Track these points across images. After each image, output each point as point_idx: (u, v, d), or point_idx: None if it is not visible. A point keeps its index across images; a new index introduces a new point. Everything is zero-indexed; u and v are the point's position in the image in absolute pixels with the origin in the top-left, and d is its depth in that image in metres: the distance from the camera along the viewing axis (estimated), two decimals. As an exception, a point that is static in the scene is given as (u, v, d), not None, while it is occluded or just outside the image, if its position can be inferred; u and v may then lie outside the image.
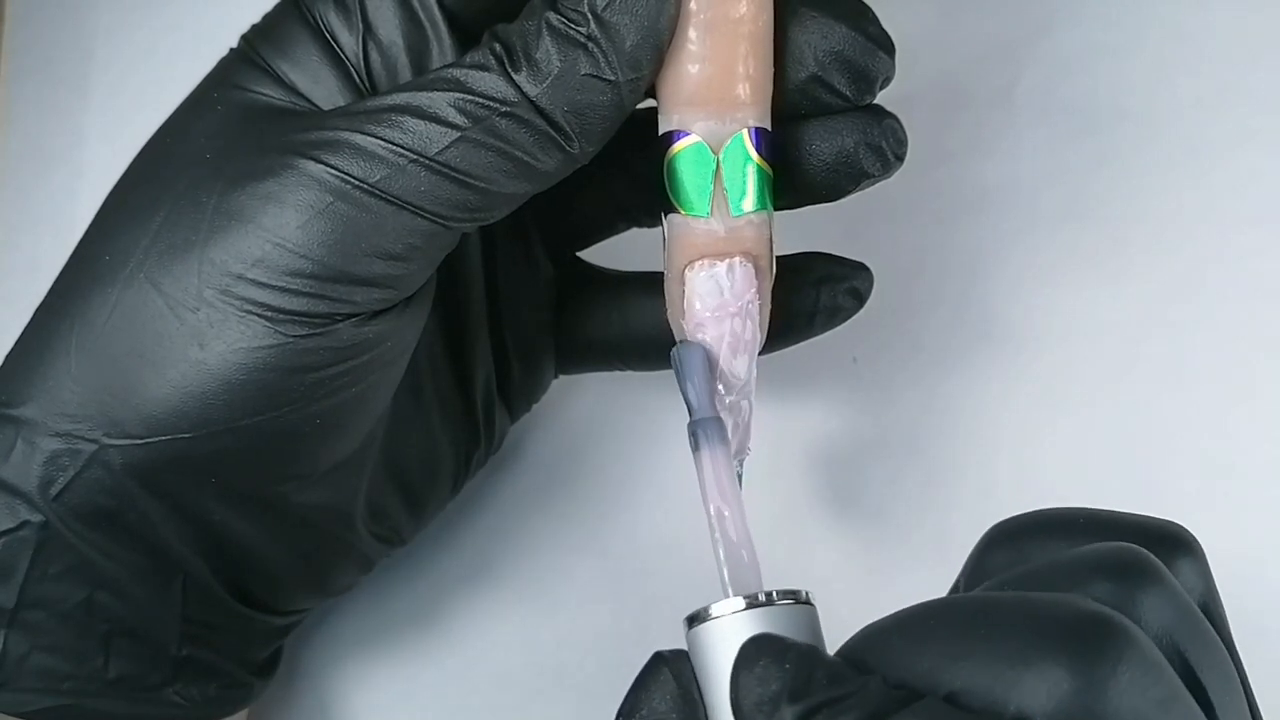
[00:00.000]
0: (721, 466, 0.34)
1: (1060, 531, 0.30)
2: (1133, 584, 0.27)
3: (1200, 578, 0.30)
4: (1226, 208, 0.48)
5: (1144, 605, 0.27)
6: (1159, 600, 0.27)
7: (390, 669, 0.47)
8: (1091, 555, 0.28)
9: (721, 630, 0.31)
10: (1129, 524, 0.30)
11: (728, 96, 0.35)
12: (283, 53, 0.37)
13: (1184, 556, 0.29)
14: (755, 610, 0.31)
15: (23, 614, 0.36)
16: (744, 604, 0.31)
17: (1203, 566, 0.30)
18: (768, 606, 0.31)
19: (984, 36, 0.50)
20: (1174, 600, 0.28)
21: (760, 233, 0.36)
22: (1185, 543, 0.30)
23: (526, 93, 0.34)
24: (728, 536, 0.33)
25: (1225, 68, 0.49)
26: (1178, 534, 0.30)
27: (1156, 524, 0.30)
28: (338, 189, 0.34)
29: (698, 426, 0.35)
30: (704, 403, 0.36)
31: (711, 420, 0.35)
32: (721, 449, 0.35)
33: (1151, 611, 0.27)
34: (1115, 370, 0.47)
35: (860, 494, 0.47)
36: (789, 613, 0.31)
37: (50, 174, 0.52)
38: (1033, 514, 0.31)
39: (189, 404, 0.34)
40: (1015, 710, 0.25)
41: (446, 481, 0.43)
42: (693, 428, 0.35)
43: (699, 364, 0.36)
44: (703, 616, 0.31)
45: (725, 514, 0.34)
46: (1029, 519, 0.31)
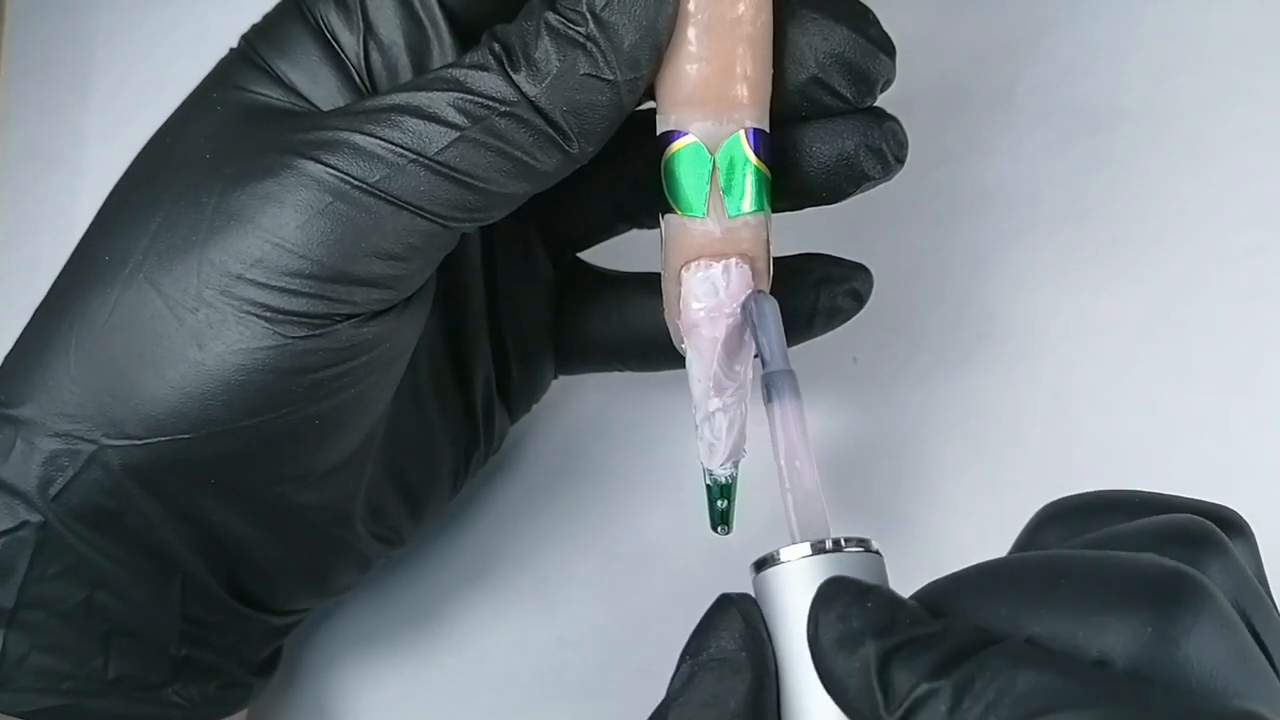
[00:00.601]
0: (793, 419, 0.34)
1: (1118, 510, 0.30)
2: (1200, 551, 0.28)
3: (1252, 558, 0.30)
4: (1226, 207, 0.48)
5: (1211, 571, 0.28)
6: (1226, 568, 0.28)
7: (390, 669, 0.47)
8: (1157, 525, 0.29)
9: (791, 574, 0.31)
10: (1184, 504, 0.31)
11: (725, 97, 0.35)
12: (283, 53, 0.37)
13: (1237, 537, 0.30)
14: (825, 555, 0.31)
15: (22, 614, 0.36)
16: (811, 549, 0.31)
17: (1254, 549, 0.30)
18: (837, 553, 0.31)
19: (984, 36, 0.50)
20: (1239, 570, 0.28)
21: (757, 234, 0.36)
22: (1238, 525, 0.30)
23: (526, 92, 0.34)
24: (799, 485, 0.34)
25: (1225, 68, 0.49)
26: (1231, 516, 0.31)
27: (1210, 506, 0.31)
28: (337, 189, 0.34)
29: (770, 379, 0.35)
30: (777, 355, 0.35)
31: (785, 373, 0.35)
32: (793, 401, 0.35)
33: (1220, 577, 0.28)
34: (1115, 370, 0.47)
35: (860, 494, 0.47)
36: (858, 559, 0.31)
37: (50, 174, 0.53)
38: (1087, 494, 0.31)
39: (188, 404, 0.34)
40: (1098, 653, 0.26)
41: (446, 482, 0.43)
42: (766, 380, 0.35)
43: (771, 317, 0.36)
44: (772, 560, 0.31)
45: (797, 464, 0.34)
46: (1084, 498, 0.31)
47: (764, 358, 0.36)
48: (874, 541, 0.32)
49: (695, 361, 0.36)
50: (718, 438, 0.37)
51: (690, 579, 0.46)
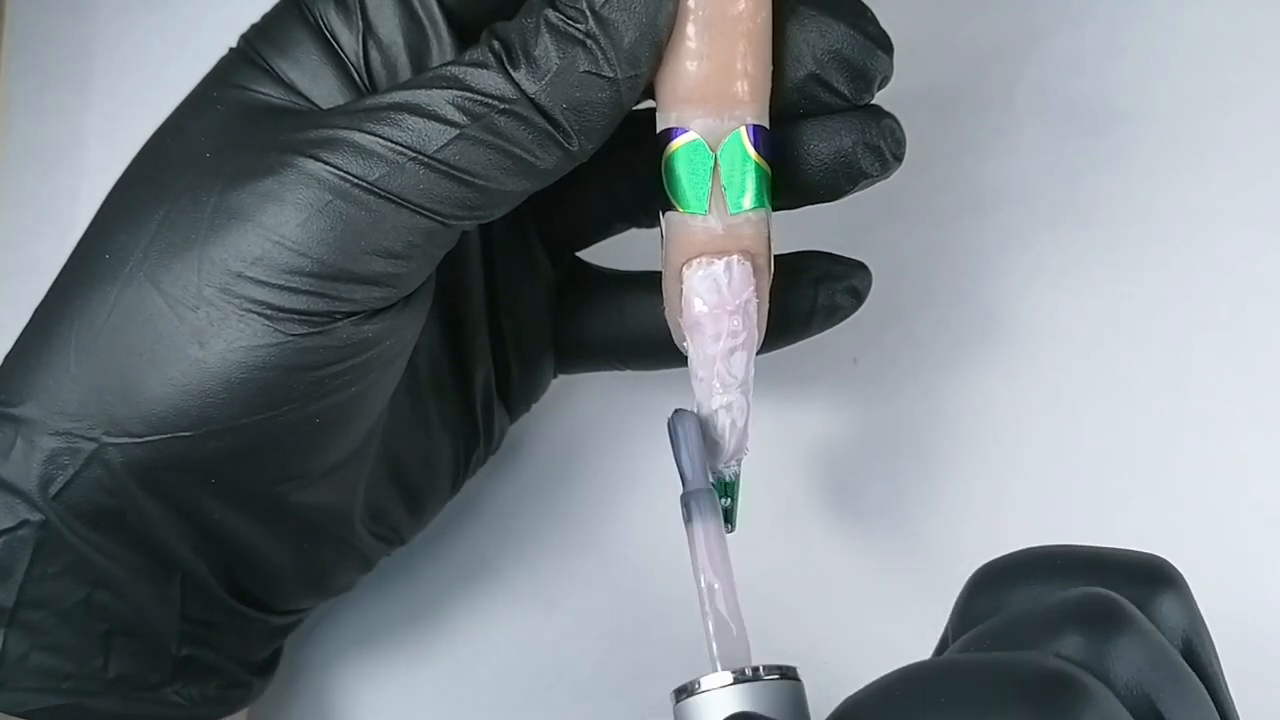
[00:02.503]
0: (713, 539, 0.35)
1: (1040, 573, 0.30)
2: (1102, 633, 0.27)
3: (1183, 612, 0.29)
4: (1226, 207, 0.48)
5: (1113, 654, 0.27)
6: (1129, 648, 0.27)
7: (390, 669, 0.47)
8: (1063, 605, 0.28)
9: (708, 704, 0.31)
10: (1108, 561, 0.30)
11: (726, 94, 0.35)
12: (282, 52, 0.37)
13: (1165, 591, 0.29)
14: (742, 685, 0.31)
15: (22, 613, 0.36)
16: (731, 678, 0.31)
17: (1186, 600, 0.30)
18: (755, 682, 0.31)
19: (984, 36, 0.50)
20: (1145, 646, 0.28)
21: (758, 230, 0.36)
22: (1167, 577, 0.30)
23: (525, 90, 0.34)
24: (717, 610, 0.34)
25: (1225, 68, 0.49)
26: (1159, 568, 0.30)
27: (1136, 560, 0.30)
28: (337, 187, 0.34)
29: (691, 498, 0.35)
30: (697, 474, 0.36)
31: (704, 492, 0.36)
32: (714, 521, 0.35)
33: (1120, 661, 0.27)
34: (1115, 370, 0.47)
35: (860, 494, 0.47)
36: (775, 688, 0.32)
37: (50, 174, 0.52)
38: (1014, 555, 0.31)
39: (189, 402, 0.34)
40: None
41: (446, 481, 0.43)
42: (685, 499, 0.35)
43: (693, 434, 0.36)
44: (690, 690, 0.32)
45: (716, 587, 0.34)
46: (1010, 561, 0.31)
47: (684, 475, 0.36)
48: (793, 668, 0.32)
49: (697, 359, 0.36)
50: (720, 436, 0.37)
51: (690, 579, 0.46)
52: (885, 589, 0.46)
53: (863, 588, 0.46)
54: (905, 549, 0.46)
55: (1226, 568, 0.44)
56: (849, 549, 0.47)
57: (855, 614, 0.46)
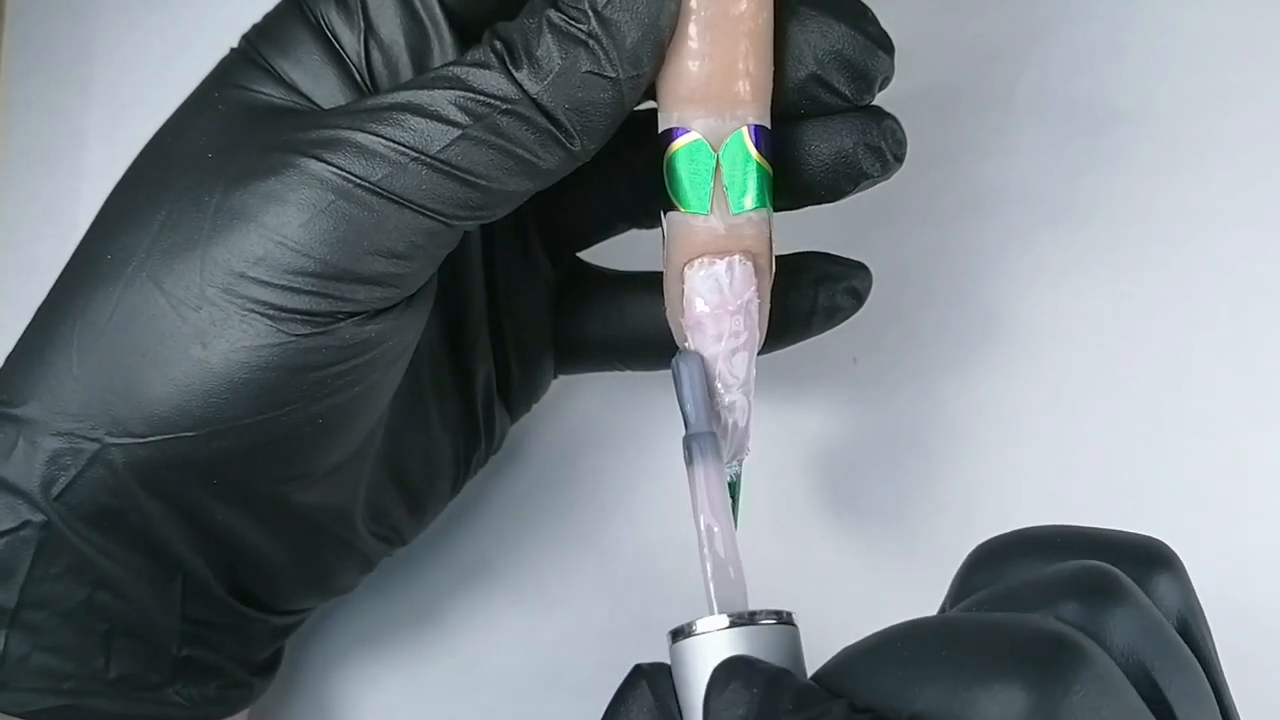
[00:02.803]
0: (714, 482, 0.34)
1: (1038, 550, 0.30)
2: (1099, 602, 0.28)
3: (1179, 594, 0.30)
4: (1226, 207, 0.48)
5: (1110, 624, 0.27)
6: (1126, 618, 0.28)
7: (390, 669, 0.47)
8: (1061, 574, 0.28)
9: (703, 647, 0.31)
10: (1106, 541, 0.30)
11: (727, 94, 0.35)
12: (284, 52, 0.37)
13: (1162, 572, 0.29)
14: (737, 629, 0.31)
15: (24, 614, 0.35)
16: (727, 621, 0.31)
17: (1182, 582, 0.30)
18: (750, 626, 0.31)
19: (984, 36, 0.50)
20: (1141, 618, 0.28)
21: (760, 230, 0.36)
22: (1164, 558, 0.30)
23: (528, 90, 0.34)
24: (715, 553, 0.34)
25: (1225, 68, 0.49)
26: (1156, 550, 0.30)
27: (1134, 540, 0.30)
28: (339, 187, 0.34)
29: (692, 440, 0.35)
30: (700, 416, 0.36)
31: (706, 435, 0.35)
32: (714, 464, 0.35)
33: (1117, 630, 0.27)
34: (1115, 370, 0.47)
35: (860, 494, 0.47)
36: (771, 632, 0.31)
37: (50, 174, 0.52)
38: (1013, 533, 0.31)
39: (191, 403, 0.34)
40: None
41: (446, 481, 0.43)
42: (687, 441, 0.35)
43: (697, 376, 0.36)
44: (686, 632, 0.31)
45: (715, 530, 0.34)
46: (1010, 538, 0.31)
47: (686, 417, 0.36)
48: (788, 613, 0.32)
49: None
50: (722, 436, 0.37)
51: (690, 579, 0.46)
52: (885, 589, 0.46)
53: (863, 588, 0.46)
54: (905, 549, 0.46)
55: (1226, 567, 0.44)
56: (849, 549, 0.47)
57: (855, 614, 0.45)
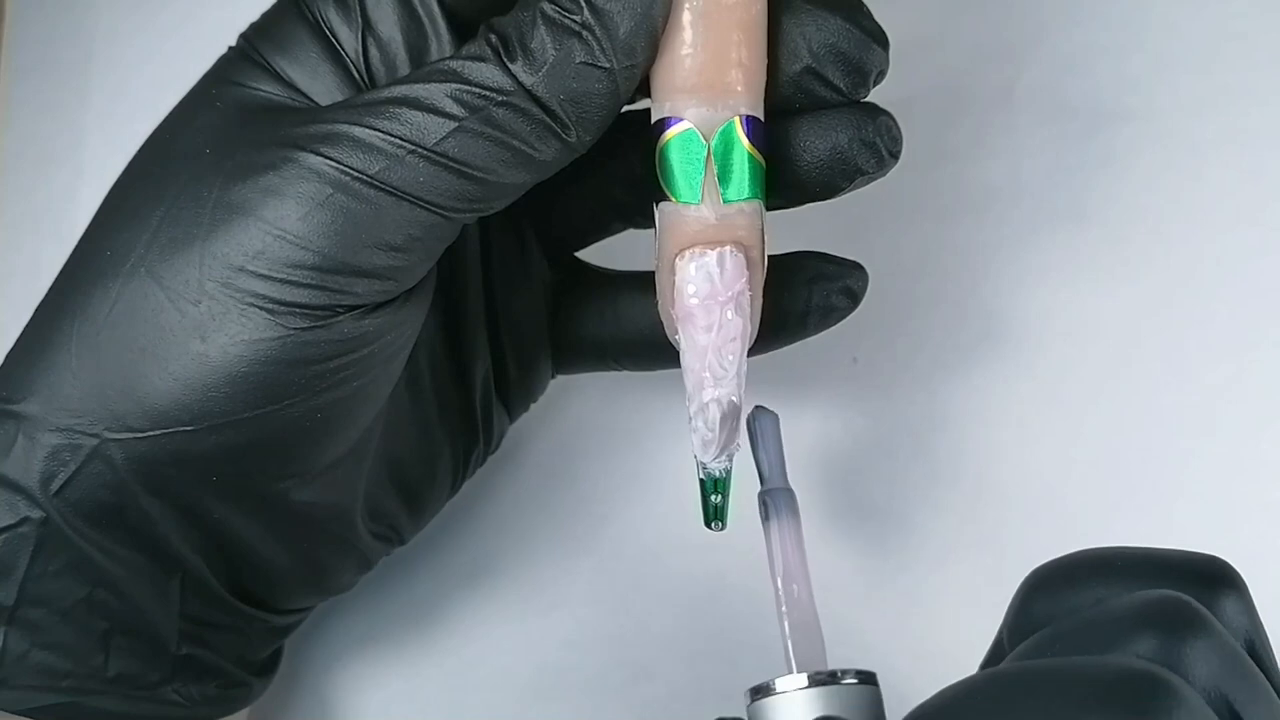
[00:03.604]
0: (790, 540, 0.35)
1: (1099, 574, 0.30)
2: (1178, 636, 0.27)
3: (1245, 614, 0.29)
4: (1226, 207, 0.48)
5: (1190, 657, 0.27)
6: (1206, 650, 0.27)
7: (390, 669, 0.47)
8: (1133, 608, 0.28)
9: (785, 706, 0.31)
10: (1169, 563, 0.30)
11: (720, 83, 0.35)
12: (282, 50, 0.37)
13: (1227, 593, 0.29)
14: (819, 688, 0.31)
15: (23, 611, 0.35)
16: (807, 681, 0.31)
17: (1246, 601, 0.30)
18: (832, 685, 0.31)
19: (984, 36, 0.50)
20: (1220, 649, 0.27)
21: (752, 221, 0.36)
22: (1229, 579, 0.30)
23: (522, 82, 0.34)
24: (796, 611, 0.34)
25: (1225, 68, 0.49)
26: (1220, 570, 0.30)
27: (1197, 561, 0.30)
28: (337, 181, 0.34)
29: (769, 497, 0.35)
30: (776, 473, 0.36)
31: (783, 491, 0.35)
32: (791, 521, 0.35)
33: (1199, 663, 0.27)
34: (1115, 369, 0.47)
35: (860, 494, 0.47)
36: (852, 692, 0.31)
37: (51, 174, 0.53)
38: (1070, 557, 0.31)
39: (190, 397, 0.34)
40: None
41: (445, 480, 0.43)
42: (764, 497, 0.35)
43: (773, 432, 0.36)
44: (767, 690, 0.31)
45: (795, 589, 0.34)
46: (1066, 563, 0.31)
47: (762, 474, 0.36)
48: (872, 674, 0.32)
49: (689, 352, 0.36)
50: (711, 430, 0.36)
51: (690, 579, 0.46)
52: (884, 588, 0.46)
53: (862, 587, 0.46)
54: (905, 549, 0.46)
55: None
56: (849, 549, 0.47)
57: (855, 613, 0.46)
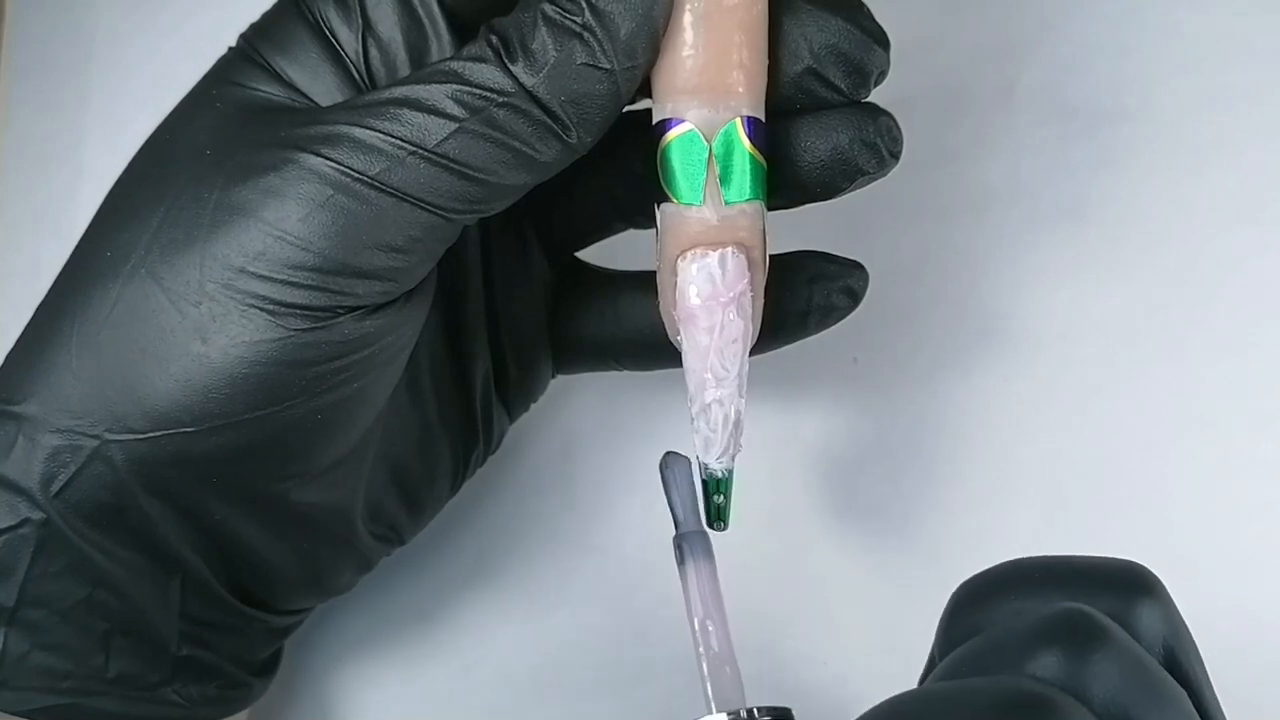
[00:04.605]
0: (706, 581, 0.35)
1: (1020, 587, 0.30)
2: (1078, 651, 0.28)
3: (1162, 620, 0.30)
4: (1226, 207, 0.48)
5: (1090, 672, 0.27)
6: (1105, 664, 0.27)
7: (390, 669, 0.47)
8: (1037, 624, 0.28)
9: None
10: (1085, 572, 0.30)
11: (721, 85, 0.35)
12: (282, 50, 0.37)
13: (1143, 599, 0.30)
14: None
15: (23, 612, 0.36)
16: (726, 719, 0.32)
17: (1164, 605, 0.30)
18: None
19: (984, 36, 0.50)
20: (1121, 659, 0.28)
21: (753, 222, 0.36)
22: (1145, 584, 0.30)
23: (523, 83, 0.34)
24: (711, 651, 0.34)
25: (1225, 68, 0.49)
26: (1136, 575, 0.30)
27: (1113, 568, 0.30)
28: (338, 182, 0.34)
29: (683, 540, 0.36)
30: (689, 516, 0.36)
31: (697, 534, 0.36)
32: (706, 563, 0.36)
33: (1098, 678, 0.27)
34: (1115, 369, 0.47)
35: (860, 494, 0.47)
36: None
37: (51, 175, 0.53)
38: (991, 570, 0.31)
39: (191, 398, 0.34)
40: None
41: (445, 481, 0.43)
42: (678, 541, 0.36)
43: (685, 476, 0.37)
44: None
45: (710, 628, 0.35)
46: (988, 577, 0.31)
47: (676, 518, 0.36)
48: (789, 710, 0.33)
49: (691, 353, 0.36)
50: (714, 430, 0.36)
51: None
52: (885, 589, 0.46)
53: (862, 587, 0.46)
54: (905, 549, 0.46)
55: (1227, 568, 0.44)
56: (849, 549, 0.47)
57: (854, 613, 0.46)
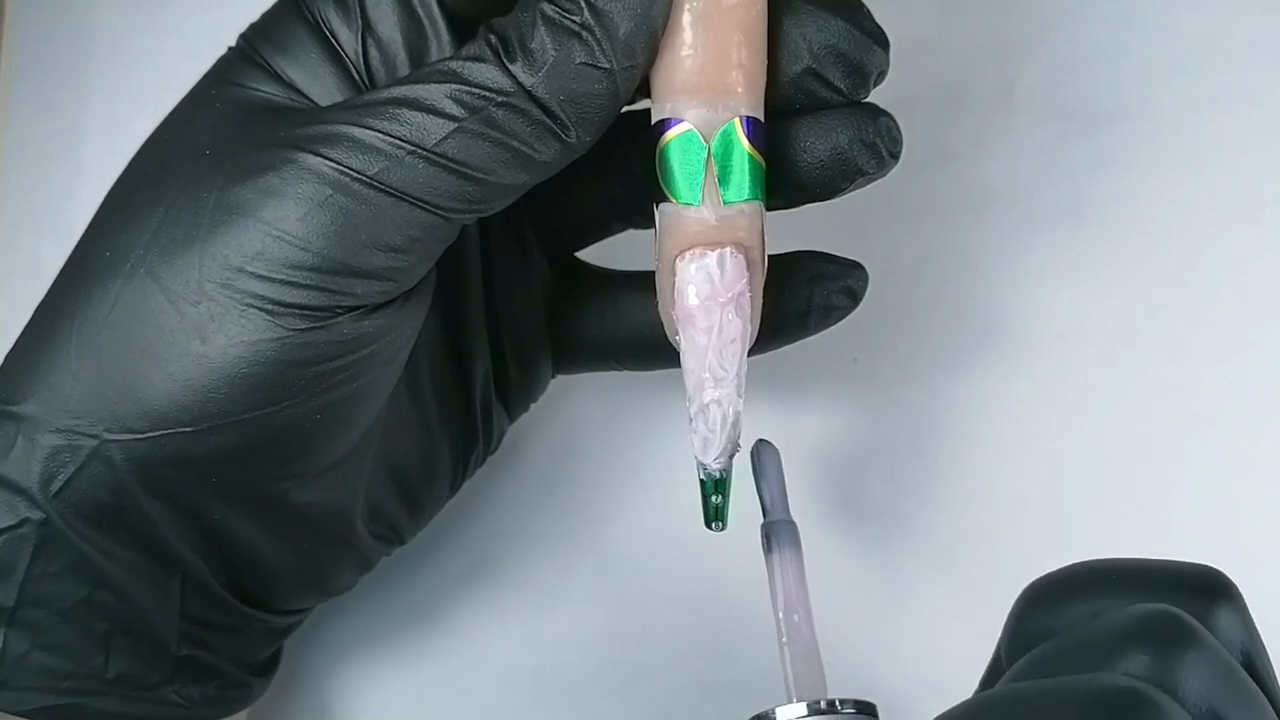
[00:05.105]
0: (792, 571, 0.35)
1: (1093, 588, 0.30)
2: (1169, 651, 0.27)
3: (1240, 625, 0.29)
4: (1226, 207, 0.48)
5: (1182, 672, 0.27)
6: (1197, 665, 0.27)
7: (390, 669, 0.47)
8: (1125, 624, 0.28)
9: None
10: (1164, 575, 0.30)
11: (720, 84, 0.35)
12: (282, 50, 0.37)
13: (1223, 604, 0.29)
14: (818, 718, 0.32)
15: (23, 612, 0.36)
16: (806, 710, 0.31)
17: (1242, 612, 0.29)
18: (830, 715, 0.31)
19: (984, 36, 0.50)
20: (1212, 662, 0.27)
21: (752, 222, 0.36)
22: (1224, 590, 0.30)
23: (522, 82, 0.34)
24: (796, 641, 0.34)
25: (1225, 68, 0.49)
26: (1215, 581, 0.30)
27: (1192, 572, 0.30)
28: (337, 181, 0.34)
29: (771, 529, 0.36)
30: (778, 505, 0.36)
31: (785, 523, 0.36)
32: (793, 553, 0.35)
33: (1190, 678, 0.27)
34: (1115, 369, 0.47)
35: (860, 494, 0.47)
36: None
37: (51, 175, 0.53)
38: (1064, 570, 0.31)
39: (190, 398, 0.34)
40: None
41: (445, 481, 0.43)
42: (766, 529, 0.36)
43: (774, 465, 0.36)
44: (767, 718, 0.31)
45: (795, 619, 0.34)
46: (1061, 577, 0.31)
47: (764, 506, 0.36)
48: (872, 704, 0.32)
49: (689, 353, 0.36)
50: (712, 430, 0.36)
51: (690, 579, 0.46)
52: (885, 588, 0.46)
53: (862, 587, 0.46)
54: (905, 549, 0.46)
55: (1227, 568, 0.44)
56: (849, 549, 0.47)
57: (854, 613, 0.46)
